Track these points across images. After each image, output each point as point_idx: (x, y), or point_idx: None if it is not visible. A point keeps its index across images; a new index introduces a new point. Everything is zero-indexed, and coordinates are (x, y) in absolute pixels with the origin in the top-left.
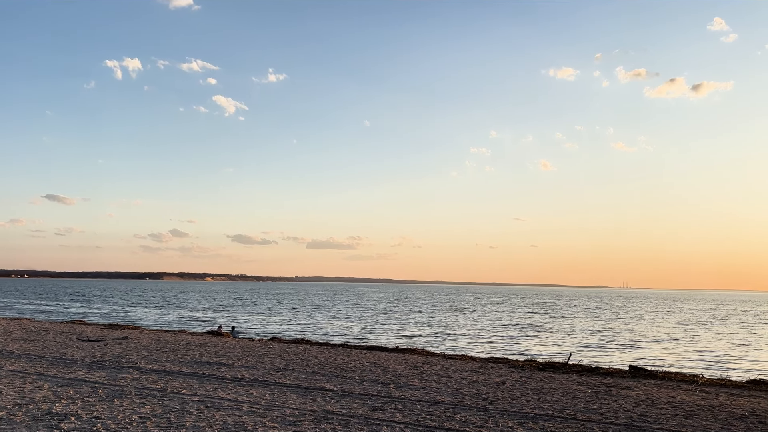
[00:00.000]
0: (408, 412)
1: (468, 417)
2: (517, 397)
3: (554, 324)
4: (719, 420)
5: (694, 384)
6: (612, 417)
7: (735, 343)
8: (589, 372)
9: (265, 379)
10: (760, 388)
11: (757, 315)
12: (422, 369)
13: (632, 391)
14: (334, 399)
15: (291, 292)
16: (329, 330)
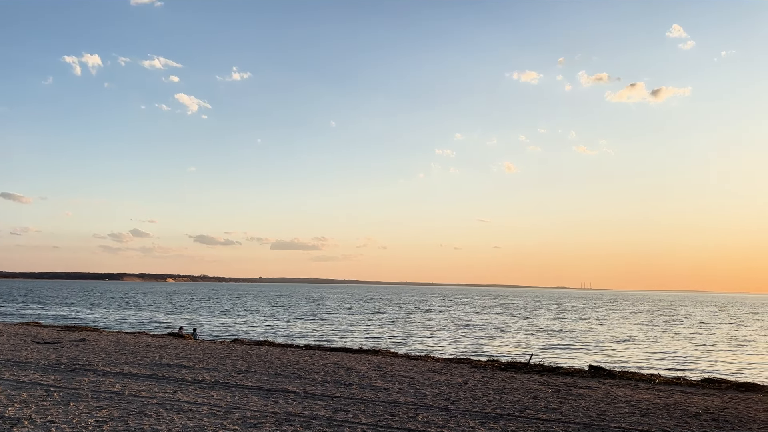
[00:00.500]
0: (370, 413)
1: (430, 417)
2: (479, 397)
3: (518, 325)
4: (674, 418)
5: (651, 383)
6: (571, 416)
7: (692, 343)
8: (550, 372)
9: (226, 381)
10: (714, 386)
11: (714, 315)
12: (386, 370)
13: (592, 390)
14: (297, 401)
15: (255, 293)
16: (293, 331)
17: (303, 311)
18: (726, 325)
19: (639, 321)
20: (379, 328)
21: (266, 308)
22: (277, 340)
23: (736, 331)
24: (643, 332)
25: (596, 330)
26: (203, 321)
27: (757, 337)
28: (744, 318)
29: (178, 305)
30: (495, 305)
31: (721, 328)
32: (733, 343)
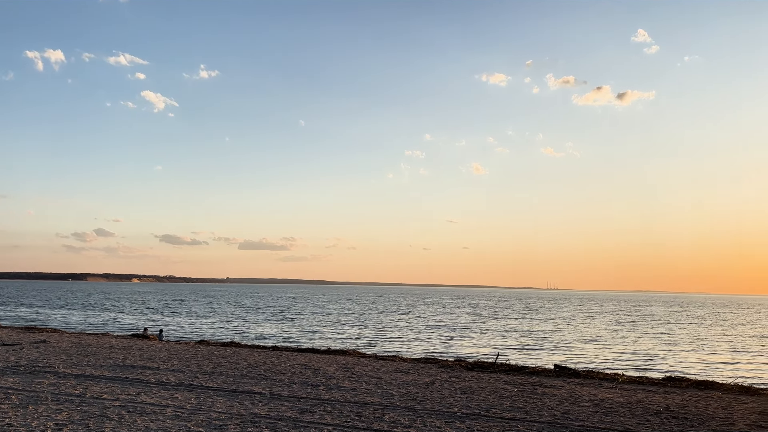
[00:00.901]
0: (337, 413)
1: (397, 417)
2: (445, 397)
3: (486, 325)
4: (636, 416)
5: (615, 382)
6: (536, 415)
7: (656, 342)
8: (516, 371)
9: (191, 382)
10: (675, 384)
11: (677, 315)
12: (353, 370)
13: (556, 389)
14: (263, 402)
15: (222, 293)
16: (260, 332)
17: (271, 312)
18: (689, 324)
19: (605, 321)
20: (348, 328)
21: (234, 309)
22: (244, 341)
23: (699, 331)
24: (608, 332)
25: (563, 330)
26: (169, 322)
27: (718, 337)
28: (706, 318)
29: (144, 306)
30: (464, 305)
31: (684, 327)
32: (696, 342)
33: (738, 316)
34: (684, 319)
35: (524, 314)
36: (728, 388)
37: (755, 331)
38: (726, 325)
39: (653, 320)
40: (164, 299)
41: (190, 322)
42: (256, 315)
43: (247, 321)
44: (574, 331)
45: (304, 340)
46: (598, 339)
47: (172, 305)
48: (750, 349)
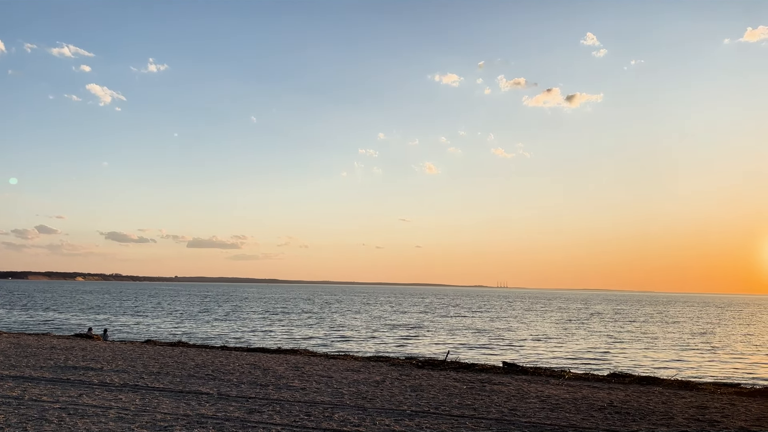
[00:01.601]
0: (286, 413)
1: (346, 416)
2: (395, 395)
3: (438, 323)
4: (581, 411)
5: (561, 379)
6: (485, 412)
7: (602, 339)
8: (465, 369)
9: (136, 383)
10: (619, 381)
11: (625, 313)
12: (303, 370)
13: (504, 386)
14: (210, 402)
15: (170, 292)
16: (210, 332)
17: (221, 311)
18: (635, 322)
19: (554, 319)
20: (300, 328)
21: (182, 308)
22: (192, 341)
23: (644, 328)
24: (558, 330)
25: (514, 328)
26: (114, 321)
27: (662, 334)
28: (653, 315)
29: (88, 305)
30: (417, 304)
31: (630, 325)
32: (640, 339)
33: (682, 313)
34: (630, 317)
35: (476, 312)
36: (669, 384)
37: (697, 328)
38: (670, 323)
39: (600, 318)
40: (110, 298)
41: (136, 321)
42: (205, 314)
43: (197, 320)
44: (524, 329)
45: (255, 340)
46: (547, 337)
47: (118, 304)
48: (691, 346)
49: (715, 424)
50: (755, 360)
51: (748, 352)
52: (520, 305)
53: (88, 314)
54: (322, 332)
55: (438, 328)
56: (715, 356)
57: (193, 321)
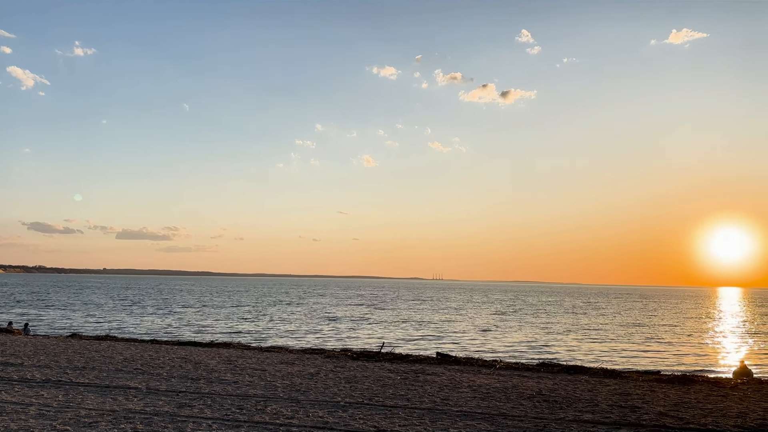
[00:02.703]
0: (217, 407)
1: (279, 409)
2: (329, 387)
3: (377, 315)
4: (511, 400)
5: (493, 368)
6: (417, 402)
7: (534, 330)
8: (400, 360)
9: (59, 378)
10: (548, 370)
11: (555, 305)
12: (236, 363)
13: (437, 376)
14: (138, 397)
15: (98, 285)
16: (140, 326)
17: (152, 305)
18: (565, 313)
19: (489, 310)
20: (235, 321)
21: (111, 301)
22: (121, 335)
23: (573, 319)
24: (492, 321)
25: (449, 319)
26: (37, 315)
27: (590, 324)
28: (582, 307)
29: (9, 298)
30: (355, 296)
31: (560, 316)
32: (570, 329)
33: (610, 304)
34: (561, 308)
35: (414, 304)
36: (594, 372)
37: (626, 319)
38: (598, 314)
39: (532, 309)
40: (33, 291)
41: (61, 315)
42: (135, 308)
43: (126, 314)
44: (460, 320)
45: (188, 334)
46: (482, 328)
47: (42, 297)
48: (619, 336)
49: (636, 410)
50: (679, 349)
51: (674, 341)
52: (456, 297)
53: (9, 308)
54: (258, 326)
55: (376, 321)
56: (641, 345)
57: (123, 314)
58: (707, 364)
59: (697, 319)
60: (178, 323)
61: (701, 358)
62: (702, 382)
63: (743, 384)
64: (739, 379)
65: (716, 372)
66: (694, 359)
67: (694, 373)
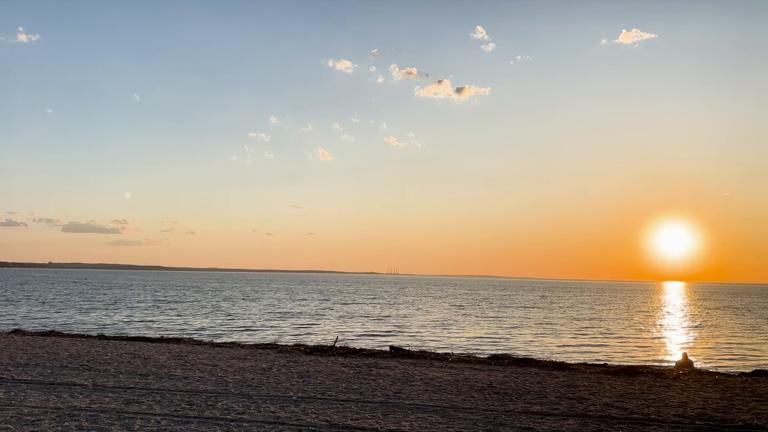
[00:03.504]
0: (166, 403)
1: (230, 404)
2: (282, 382)
3: (332, 310)
4: (462, 393)
5: (445, 361)
6: (370, 396)
7: (487, 323)
8: (353, 354)
9: (0, 376)
10: (499, 362)
11: (508, 298)
12: (187, 359)
13: (391, 370)
14: (84, 394)
15: (43, 279)
16: (86, 321)
17: (100, 299)
18: (520, 307)
19: (444, 304)
20: (187, 316)
21: (57, 296)
22: (67, 331)
23: (527, 312)
24: (447, 314)
25: (404, 313)
26: None
27: (544, 318)
28: (535, 300)
29: None
30: (310, 291)
31: (516, 310)
32: (525, 323)
33: (562, 298)
34: (514, 302)
35: (370, 299)
36: (544, 365)
37: (577, 313)
38: (551, 308)
39: (486, 303)
40: None
41: (3, 311)
42: (82, 303)
43: (72, 309)
44: (415, 314)
45: (137, 330)
46: (438, 321)
47: None
48: (568, 329)
49: (583, 401)
50: (626, 341)
51: (622, 335)
52: (412, 291)
53: None
54: (210, 321)
55: (332, 316)
56: (591, 338)
57: (69, 310)
58: (652, 356)
59: (644, 313)
60: (127, 318)
61: (646, 350)
62: (646, 373)
63: (684, 375)
64: (680, 370)
65: (660, 363)
66: (640, 351)
67: (638, 365)
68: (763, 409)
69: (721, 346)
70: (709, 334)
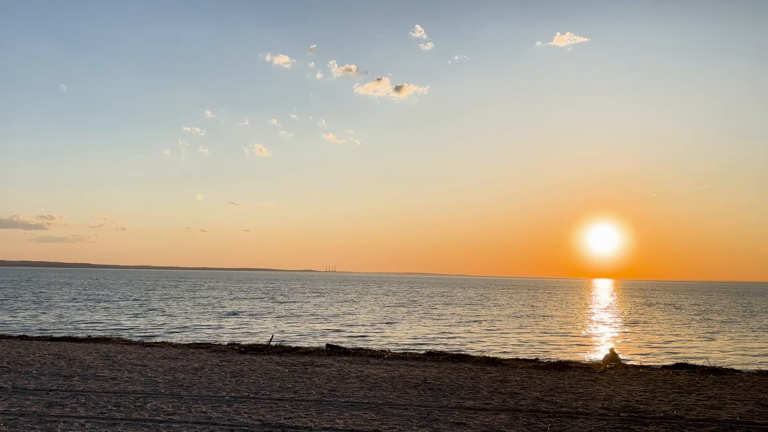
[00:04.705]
0: (92, 405)
1: (160, 405)
2: (214, 381)
3: (269, 309)
4: (397, 389)
5: (381, 358)
6: (305, 394)
7: (428, 320)
8: (289, 352)
9: None
10: (433, 359)
11: (443, 295)
12: (115, 359)
13: (326, 368)
14: (2, 397)
15: None
16: (6, 321)
17: (23, 298)
18: (457, 305)
19: (384, 301)
20: (117, 315)
21: None
22: None
23: (466, 309)
24: (387, 312)
25: (346, 311)
26: None
27: (482, 315)
28: (474, 297)
29: None
30: (246, 289)
31: (455, 307)
32: (462, 320)
33: (499, 295)
34: (453, 299)
35: (310, 297)
36: (477, 360)
37: (513, 310)
38: (490, 304)
39: (426, 300)
40: None
41: None
42: (3, 302)
43: None
44: (357, 311)
45: (64, 330)
46: (378, 319)
47: None
48: (504, 325)
49: (514, 396)
50: (558, 337)
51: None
52: (352, 289)
53: None
54: (142, 320)
55: (270, 314)
56: (525, 334)
57: None
58: (581, 351)
59: (576, 309)
60: (53, 318)
61: (576, 345)
62: (575, 368)
63: (611, 369)
64: (608, 365)
65: (588, 358)
66: (571, 347)
67: (568, 360)
68: (683, 400)
69: (647, 341)
70: (636, 329)
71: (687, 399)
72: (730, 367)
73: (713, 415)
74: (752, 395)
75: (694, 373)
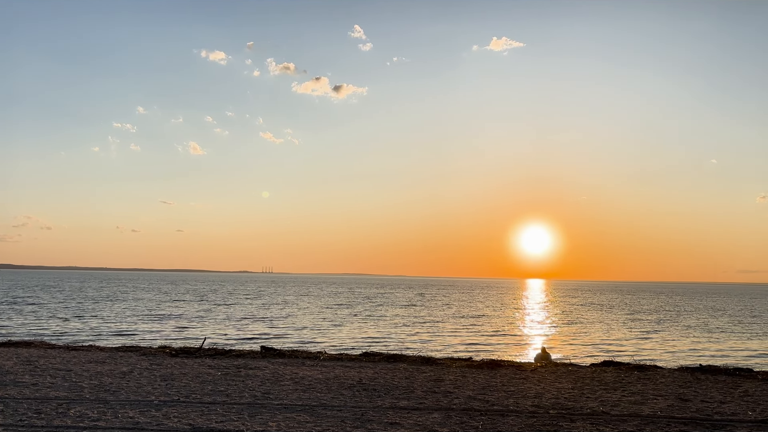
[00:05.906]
0: (11, 412)
1: (84, 411)
2: (143, 386)
3: (204, 311)
4: (332, 390)
5: (317, 360)
6: (237, 397)
7: (369, 321)
8: (222, 355)
9: None
10: (369, 359)
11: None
12: (37, 363)
13: (260, 370)
14: None
15: None
16: None
17: None
18: (396, 306)
19: (324, 303)
20: (41, 319)
21: None
22: None
23: (403, 310)
24: (327, 313)
25: (285, 313)
26: None
27: (420, 315)
28: (413, 298)
29: None
30: (180, 291)
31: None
32: (399, 320)
33: (436, 296)
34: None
35: (249, 298)
36: (413, 360)
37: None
38: (429, 305)
39: (367, 301)
40: None
41: None
42: None
43: None
44: (296, 313)
45: None
46: (318, 320)
47: None
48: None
49: (448, 395)
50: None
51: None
52: (291, 290)
53: None
54: (69, 324)
55: (205, 317)
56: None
57: None
58: (514, 350)
59: (511, 309)
60: None
61: (510, 344)
62: (507, 366)
63: (542, 367)
64: (539, 363)
65: (520, 357)
66: (504, 346)
67: (501, 359)
68: (609, 396)
69: (577, 340)
70: (567, 329)
71: (613, 395)
72: (654, 364)
73: (636, 410)
74: (672, 390)
75: (620, 370)
